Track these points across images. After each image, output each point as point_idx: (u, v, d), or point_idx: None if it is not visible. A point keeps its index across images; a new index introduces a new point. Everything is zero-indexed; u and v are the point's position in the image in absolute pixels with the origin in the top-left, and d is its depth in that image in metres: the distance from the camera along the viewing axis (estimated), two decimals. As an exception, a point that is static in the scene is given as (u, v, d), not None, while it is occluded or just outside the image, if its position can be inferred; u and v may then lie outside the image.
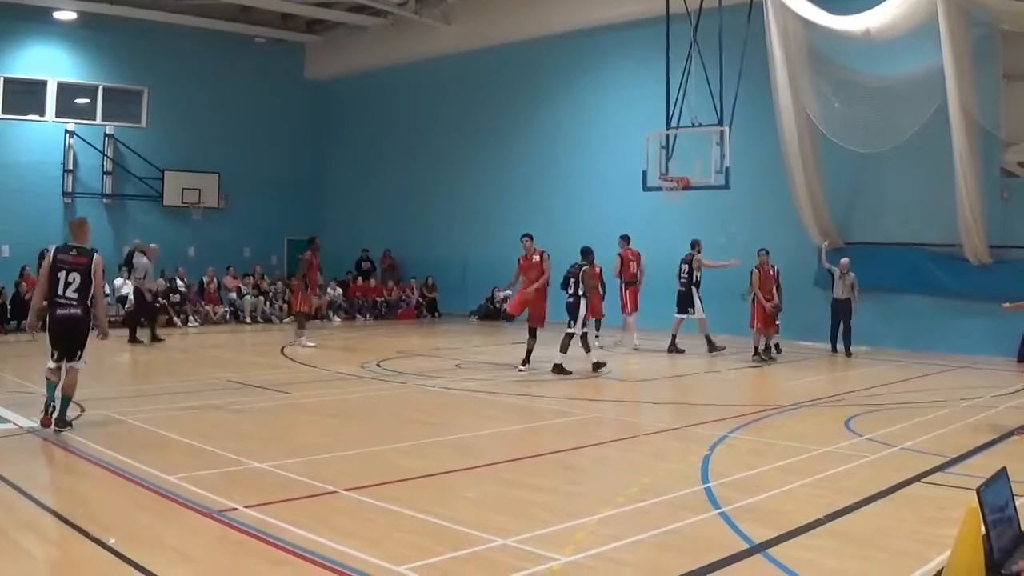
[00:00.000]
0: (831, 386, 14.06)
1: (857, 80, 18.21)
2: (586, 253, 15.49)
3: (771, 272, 17.78)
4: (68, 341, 9.76)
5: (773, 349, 17.98)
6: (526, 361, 15.19)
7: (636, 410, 12.65)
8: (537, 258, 15.16)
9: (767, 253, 17.67)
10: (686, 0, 18.77)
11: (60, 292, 9.79)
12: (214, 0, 26.30)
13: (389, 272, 29.27)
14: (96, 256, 10.05)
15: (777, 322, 18.10)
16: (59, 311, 9.74)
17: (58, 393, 9.67)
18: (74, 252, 10.04)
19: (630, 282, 19.22)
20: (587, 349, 15.17)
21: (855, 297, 18.16)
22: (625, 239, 19.51)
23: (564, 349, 14.98)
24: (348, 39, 29.40)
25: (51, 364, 9.74)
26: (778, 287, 17.94)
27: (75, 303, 9.81)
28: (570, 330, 15.08)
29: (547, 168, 25.62)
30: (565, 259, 15.80)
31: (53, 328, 9.76)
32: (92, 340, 10.00)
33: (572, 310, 15.05)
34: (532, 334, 15.27)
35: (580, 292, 14.97)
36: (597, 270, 16.40)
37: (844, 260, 18.19)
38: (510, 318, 16.59)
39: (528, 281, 15.15)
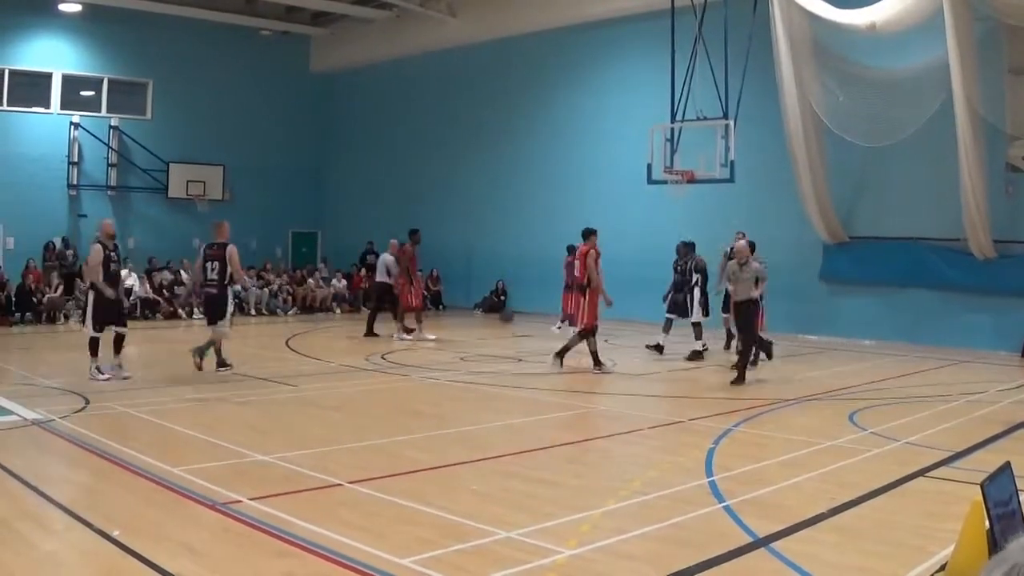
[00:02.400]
0: (835, 380, 14.05)
1: (862, 74, 18.15)
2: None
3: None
4: (210, 311, 13.63)
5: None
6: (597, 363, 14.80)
7: (640, 404, 12.65)
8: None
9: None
10: (691, -7, 18.76)
11: (207, 277, 13.45)
12: (219, -8, 26.34)
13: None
14: (229, 247, 13.43)
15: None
16: (205, 290, 13.73)
17: (213, 347, 13.39)
18: (215, 247, 13.49)
19: None
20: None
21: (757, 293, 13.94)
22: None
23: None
24: (353, 32, 29.38)
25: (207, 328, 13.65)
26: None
27: (215, 284, 13.45)
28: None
29: (552, 160, 25.59)
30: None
31: (203, 302, 14.05)
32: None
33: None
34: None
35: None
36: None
37: (741, 243, 14.25)
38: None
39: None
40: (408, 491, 7.19)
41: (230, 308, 13.82)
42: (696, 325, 16.69)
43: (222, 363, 13.60)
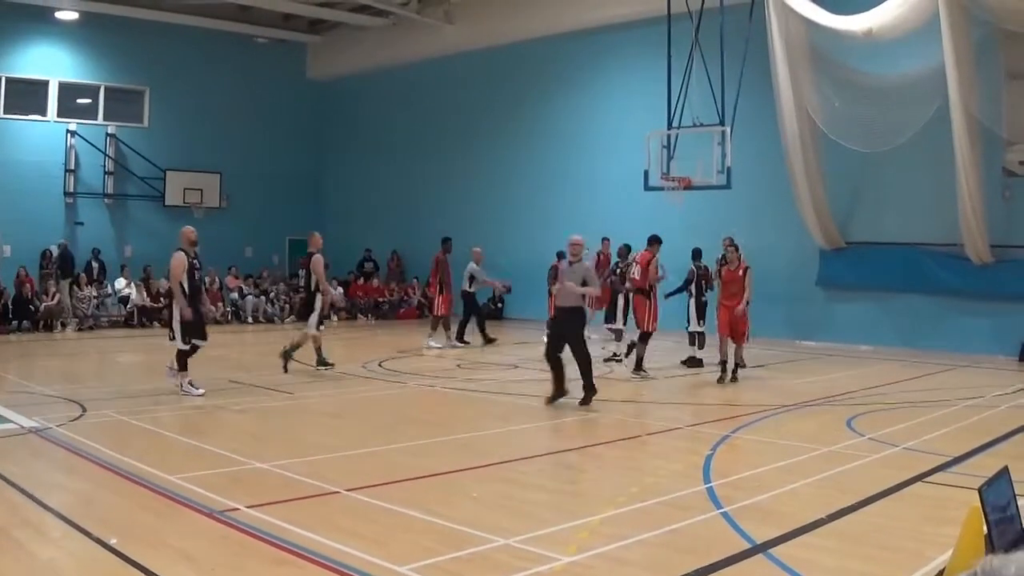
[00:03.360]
0: (832, 385, 14.05)
1: (859, 80, 18.18)
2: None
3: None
4: (301, 314, 15.29)
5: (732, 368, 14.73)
6: (638, 367, 14.97)
7: (638, 410, 12.65)
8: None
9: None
10: (687, 0, 18.77)
11: (301, 283, 15.26)
12: (216, 0, 26.30)
13: (396, 274, 29.29)
14: (314, 257, 14.66)
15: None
16: (298, 295, 15.03)
17: (297, 348, 14.87)
18: (305, 256, 14.95)
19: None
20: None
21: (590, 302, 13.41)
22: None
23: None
24: (350, 39, 29.39)
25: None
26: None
27: (303, 290, 15.24)
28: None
29: (549, 167, 25.60)
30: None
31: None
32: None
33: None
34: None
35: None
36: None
37: (576, 237, 12.26)
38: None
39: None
40: (406, 498, 7.18)
41: (316, 312, 14.78)
42: (699, 334, 16.67)
43: (322, 362, 14.90)
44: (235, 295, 25.88)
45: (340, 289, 24.55)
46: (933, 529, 6.44)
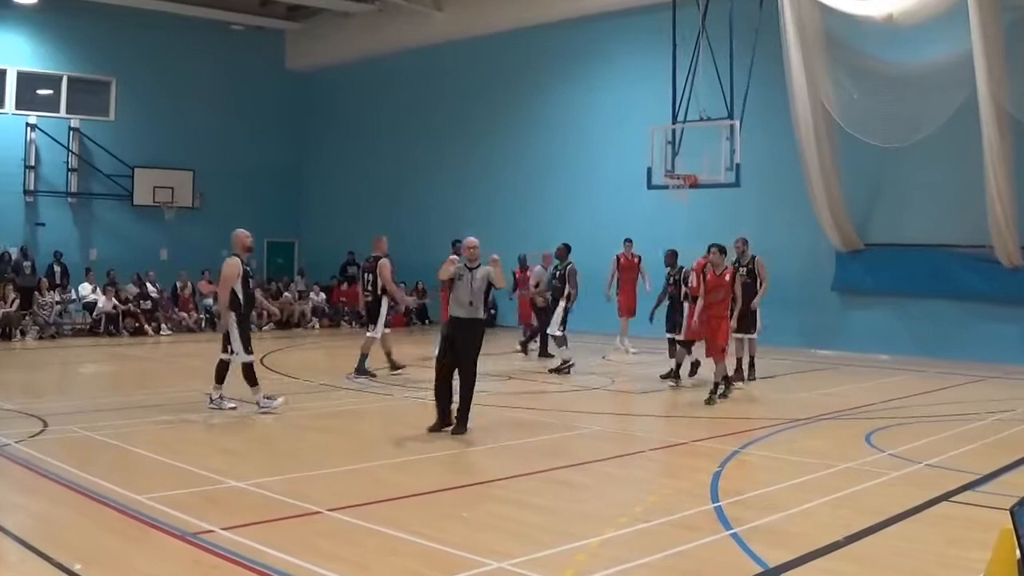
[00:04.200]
0: (850, 398, 14.06)
1: (878, 69, 18.21)
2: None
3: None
4: (368, 316, 15.77)
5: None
6: (692, 374, 15.29)
7: (639, 424, 12.66)
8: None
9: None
10: (694, -16, 18.84)
11: (365, 287, 15.81)
12: (188, -16, 26.36)
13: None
14: (381, 261, 15.55)
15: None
16: (363, 298, 15.97)
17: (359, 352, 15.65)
18: (370, 259, 15.80)
19: None
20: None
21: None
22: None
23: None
24: (332, 26, 29.40)
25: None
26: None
27: (369, 293, 15.71)
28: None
29: (545, 164, 25.64)
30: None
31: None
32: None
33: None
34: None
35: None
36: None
37: (472, 240, 11.88)
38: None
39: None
40: (392, 518, 7.18)
41: (382, 316, 15.55)
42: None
43: (362, 370, 15.57)
44: (209, 301, 25.81)
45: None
46: (960, 553, 6.45)
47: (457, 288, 11.08)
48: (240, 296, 12.10)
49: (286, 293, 27.06)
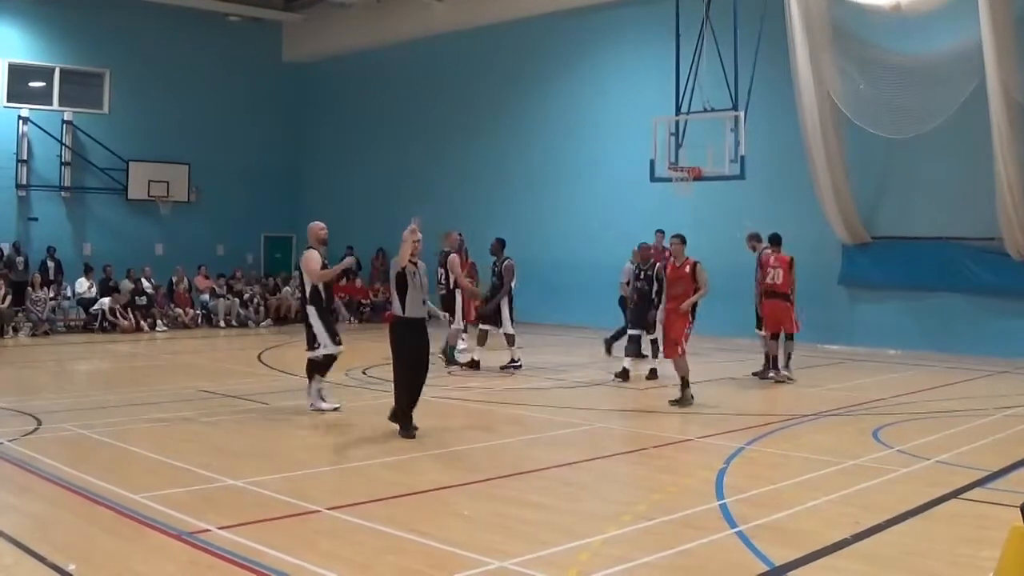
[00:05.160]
0: (857, 393, 14.06)
1: (886, 59, 18.19)
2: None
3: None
4: (445, 309, 15.60)
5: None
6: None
7: (642, 420, 12.65)
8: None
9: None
10: (698, -27, 18.80)
11: (439, 280, 16.32)
12: (183, -26, 26.34)
13: (381, 274, 29.23)
14: (451, 256, 16.25)
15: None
16: (438, 292, 16.04)
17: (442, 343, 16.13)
18: (443, 254, 16.39)
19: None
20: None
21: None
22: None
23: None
24: (330, 17, 29.39)
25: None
26: None
27: (443, 287, 16.30)
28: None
29: (546, 156, 25.61)
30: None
31: None
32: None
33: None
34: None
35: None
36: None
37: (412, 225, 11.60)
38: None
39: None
40: (392, 517, 7.18)
41: (459, 310, 16.32)
42: (655, 342, 15.68)
43: (451, 360, 16.40)
44: (206, 297, 25.85)
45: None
46: (970, 551, 6.44)
47: (411, 287, 10.73)
48: (321, 289, 12.03)
49: (284, 288, 27.03)
